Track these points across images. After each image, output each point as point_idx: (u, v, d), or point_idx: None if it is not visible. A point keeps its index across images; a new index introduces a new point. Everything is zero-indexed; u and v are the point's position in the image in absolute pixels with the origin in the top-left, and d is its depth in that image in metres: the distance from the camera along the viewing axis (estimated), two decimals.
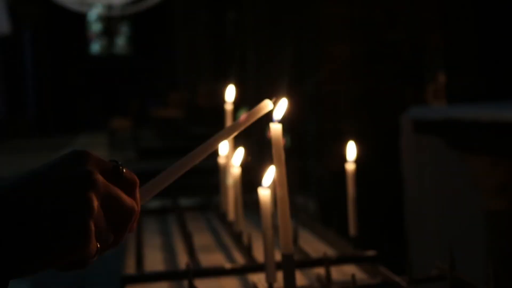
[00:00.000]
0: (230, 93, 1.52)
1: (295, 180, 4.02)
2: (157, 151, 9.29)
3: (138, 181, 0.62)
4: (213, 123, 8.03)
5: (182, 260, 1.48)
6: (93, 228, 0.55)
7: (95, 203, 0.55)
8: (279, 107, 0.82)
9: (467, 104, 2.74)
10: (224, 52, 9.53)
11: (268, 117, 0.82)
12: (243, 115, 0.71)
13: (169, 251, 1.63)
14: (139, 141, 10.12)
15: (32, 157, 9.98)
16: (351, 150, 1.34)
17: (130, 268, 1.42)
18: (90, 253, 0.55)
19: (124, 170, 0.61)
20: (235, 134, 0.72)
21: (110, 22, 17.07)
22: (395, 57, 3.45)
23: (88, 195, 0.55)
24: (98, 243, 0.56)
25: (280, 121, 0.84)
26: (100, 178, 0.57)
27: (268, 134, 0.87)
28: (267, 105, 0.76)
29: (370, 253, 1.36)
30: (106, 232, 0.57)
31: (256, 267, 1.32)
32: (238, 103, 1.62)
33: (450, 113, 2.50)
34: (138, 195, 0.62)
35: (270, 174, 0.93)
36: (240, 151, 1.39)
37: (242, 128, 0.72)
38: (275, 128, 0.86)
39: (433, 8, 3.38)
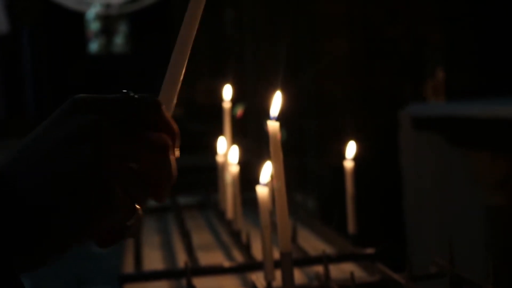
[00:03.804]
0: (228, 91, 1.52)
1: (294, 178, 4.02)
2: None
3: (159, 102, 0.51)
4: (211, 121, 8.02)
5: (181, 259, 1.47)
6: (113, 183, 0.45)
7: (109, 155, 0.46)
8: (275, 103, 0.81)
9: (466, 101, 2.73)
10: (222, 50, 9.53)
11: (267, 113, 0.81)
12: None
13: (167, 249, 1.62)
14: None
15: None
16: (351, 149, 1.34)
17: (129, 266, 1.42)
18: (121, 215, 0.46)
19: (136, 96, 0.51)
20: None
21: (108, 21, 17.06)
22: (394, 53, 3.44)
23: (97, 148, 0.46)
24: (129, 200, 0.47)
25: (277, 119, 0.83)
26: (108, 125, 0.48)
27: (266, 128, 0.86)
28: None
29: (369, 250, 1.35)
30: (135, 182, 0.47)
31: (254, 266, 1.32)
32: (236, 101, 1.62)
33: (449, 109, 2.50)
34: (165, 115, 0.51)
35: (267, 171, 0.92)
36: (236, 149, 1.38)
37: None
38: (272, 125, 0.85)
39: (432, 4, 3.37)
